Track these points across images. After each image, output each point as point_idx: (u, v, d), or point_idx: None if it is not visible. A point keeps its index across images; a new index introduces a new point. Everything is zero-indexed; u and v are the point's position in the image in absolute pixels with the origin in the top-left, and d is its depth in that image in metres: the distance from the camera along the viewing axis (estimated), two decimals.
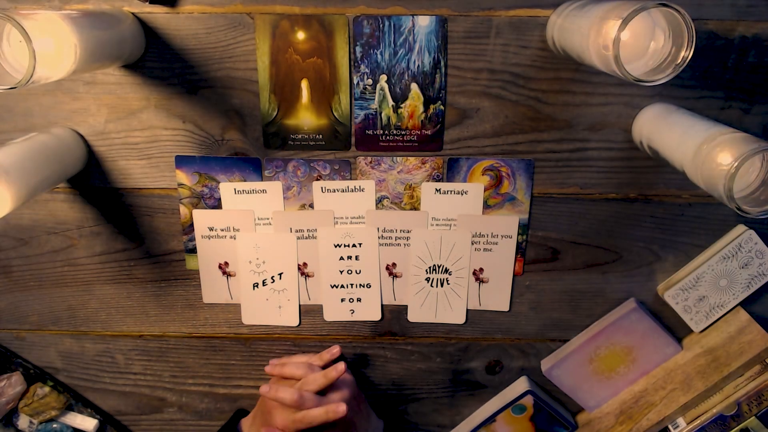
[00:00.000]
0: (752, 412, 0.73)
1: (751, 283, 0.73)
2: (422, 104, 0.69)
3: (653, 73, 0.50)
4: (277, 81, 0.68)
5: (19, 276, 0.78)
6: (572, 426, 0.82)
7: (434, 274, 0.77)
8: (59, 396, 0.83)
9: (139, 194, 0.74)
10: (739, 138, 0.51)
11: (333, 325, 0.80)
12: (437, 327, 0.80)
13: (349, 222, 0.75)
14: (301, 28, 0.66)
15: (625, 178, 0.72)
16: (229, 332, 0.81)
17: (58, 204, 0.74)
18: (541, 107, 0.69)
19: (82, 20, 0.54)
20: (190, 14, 0.66)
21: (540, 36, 0.66)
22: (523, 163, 0.71)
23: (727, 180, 0.49)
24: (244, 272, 0.77)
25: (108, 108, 0.70)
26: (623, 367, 0.79)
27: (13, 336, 0.82)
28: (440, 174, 0.72)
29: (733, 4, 0.64)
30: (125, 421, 0.87)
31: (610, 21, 0.47)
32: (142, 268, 0.78)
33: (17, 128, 0.70)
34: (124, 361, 0.83)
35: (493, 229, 0.74)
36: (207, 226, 0.75)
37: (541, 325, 0.80)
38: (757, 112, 0.68)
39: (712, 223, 0.73)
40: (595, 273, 0.77)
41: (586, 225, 0.74)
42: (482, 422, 0.82)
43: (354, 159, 0.72)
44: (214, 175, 0.73)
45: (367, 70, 0.68)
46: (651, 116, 0.66)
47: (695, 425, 0.75)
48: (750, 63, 0.66)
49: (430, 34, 0.66)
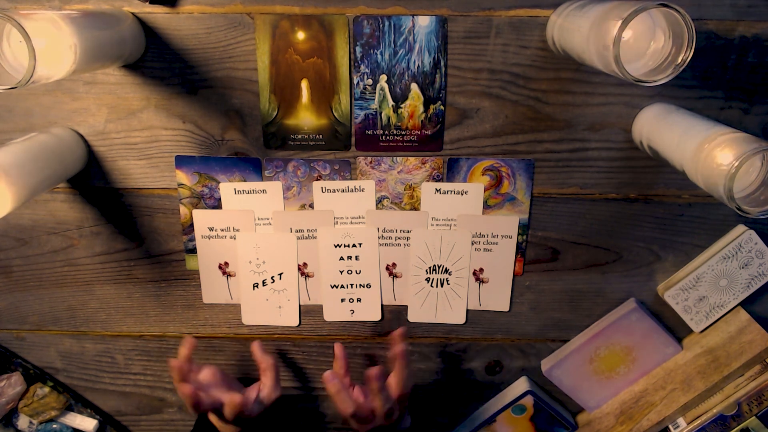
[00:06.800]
0: (752, 412, 0.73)
1: (751, 283, 0.73)
2: (422, 104, 0.69)
3: (653, 74, 0.50)
4: (277, 81, 0.68)
5: (19, 276, 0.78)
6: (572, 426, 0.82)
7: (434, 274, 0.77)
8: (59, 396, 0.83)
9: (139, 194, 0.74)
10: (739, 138, 0.51)
11: (333, 325, 0.80)
12: (437, 327, 0.80)
13: (349, 222, 0.75)
14: (301, 28, 0.66)
15: (625, 178, 0.72)
16: (229, 332, 0.81)
17: (58, 204, 0.74)
18: (541, 107, 0.69)
19: (82, 20, 0.54)
20: (190, 14, 0.66)
21: (540, 36, 0.66)
22: (523, 163, 0.71)
23: (727, 180, 0.49)
24: (244, 272, 0.77)
25: (108, 108, 0.70)
26: (623, 367, 0.79)
27: (13, 336, 0.82)
28: (440, 174, 0.72)
29: (733, 4, 0.64)
30: (125, 421, 0.87)
31: (610, 21, 0.47)
32: (142, 268, 0.78)
33: (17, 128, 0.70)
34: (124, 361, 0.83)
35: (493, 229, 0.74)
36: (207, 226, 0.75)
37: (541, 325, 0.80)
38: (757, 112, 0.68)
39: (712, 223, 0.73)
40: (595, 273, 0.77)
41: (586, 225, 0.74)
42: (482, 422, 0.82)
43: (354, 159, 0.72)
44: (214, 175, 0.73)
45: (367, 70, 0.68)
46: (651, 116, 0.66)
47: (695, 425, 0.75)
48: (750, 63, 0.66)
49: (430, 34, 0.66)
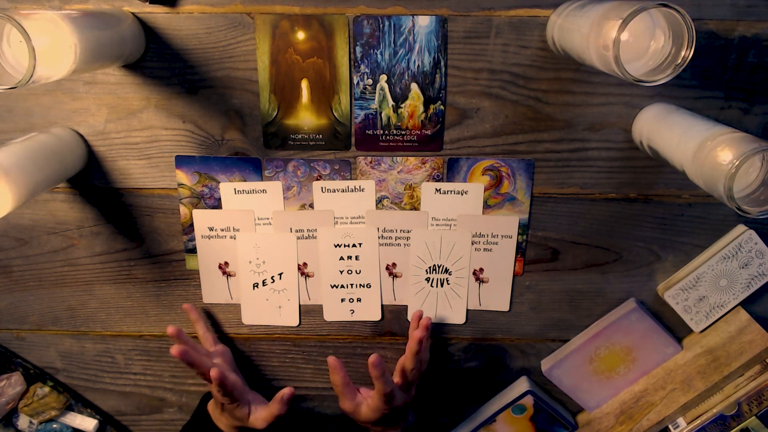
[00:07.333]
0: (752, 412, 0.73)
1: (751, 283, 0.73)
2: (422, 104, 0.69)
3: (653, 74, 0.50)
4: (277, 81, 0.68)
5: (19, 276, 0.78)
6: (572, 426, 0.82)
7: (434, 274, 0.77)
8: (59, 396, 0.83)
9: (139, 194, 0.74)
10: (739, 138, 0.51)
11: (333, 325, 0.80)
12: (437, 327, 0.80)
13: (349, 222, 0.75)
14: (301, 28, 0.66)
15: (625, 178, 0.72)
16: (229, 332, 0.81)
17: (58, 204, 0.74)
18: (541, 107, 0.69)
19: (82, 20, 0.54)
20: (190, 14, 0.66)
21: (540, 36, 0.66)
22: (523, 163, 0.71)
23: (727, 180, 0.49)
24: (244, 272, 0.77)
25: (108, 108, 0.70)
26: (623, 367, 0.79)
27: (13, 336, 0.82)
28: (440, 174, 0.72)
29: (733, 4, 0.64)
30: (125, 421, 0.87)
31: (610, 21, 0.47)
32: (142, 268, 0.78)
33: (17, 128, 0.70)
34: (124, 361, 0.83)
35: (493, 229, 0.74)
36: (207, 226, 0.75)
37: (541, 325, 0.80)
38: (757, 112, 0.68)
39: (712, 223, 0.73)
40: (595, 273, 0.77)
41: (586, 225, 0.74)
42: (482, 422, 0.82)
43: (354, 159, 0.72)
44: (214, 175, 0.73)
45: (367, 70, 0.68)
46: (651, 116, 0.66)
47: (695, 425, 0.75)
48: (750, 63, 0.66)
49: (430, 34, 0.66)
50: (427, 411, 0.85)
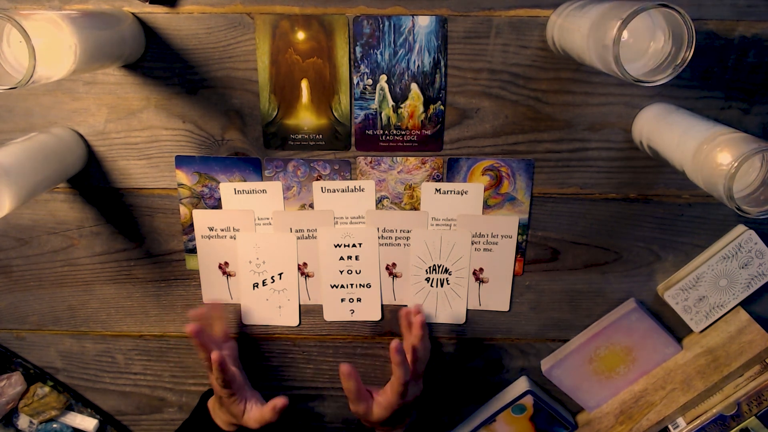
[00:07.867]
0: (752, 412, 0.73)
1: (751, 283, 0.73)
2: (422, 104, 0.69)
3: (653, 74, 0.50)
4: (277, 81, 0.68)
5: (19, 276, 0.78)
6: (572, 426, 0.82)
7: (434, 274, 0.77)
8: (59, 396, 0.83)
9: (139, 194, 0.74)
10: (739, 138, 0.51)
11: (333, 325, 0.80)
12: (437, 327, 0.80)
13: (349, 222, 0.75)
14: (301, 28, 0.66)
15: (625, 178, 0.72)
16: (229, 332, 0.81)
17: (58, 204, 0.74)
18: (541, 107, 0.69)
19: (82, 20, 0.54)
20: (190, 14, 0.66)
21: (540, 36, 0.66)
22: (523, 163, 0.71)
23: (727, 180, 0.49)
24: (244, 272, 0.77)
25: (108, 108, 0.70)
26: (623, 367, 0.79)
27: (13, 336, 0.82)
28: (440, 174, 0.72)
29: (733, 4, 0.64)
30: (125, 421, 0.87)
31: (609, 21, 0.47)
32: (142, 268, 0.78)
33: (17, 128, 0.70)
34: (124, 361, 0.83)
35: (493, 229, 0.74)
36: (207, 226, 0.75)
37: (541, 325, 0.80)
38: (757, 112, 0.68)
39: (712, 223, 0.73)
40: (595, 273, 0.77)
41: (586, 225, 0.74)
42: (482, 422, 0.82)
43: (354, 159, 0.72)
44: (214, 175, 0.73)
45: (367, 70, 0.68)
46: (651, 116, 0.66)
47: (695, 425, 0.75)
48: (750, 63, 0.66)
49: (430, 34, 0.66)
50: (427, 411, 0.85)
